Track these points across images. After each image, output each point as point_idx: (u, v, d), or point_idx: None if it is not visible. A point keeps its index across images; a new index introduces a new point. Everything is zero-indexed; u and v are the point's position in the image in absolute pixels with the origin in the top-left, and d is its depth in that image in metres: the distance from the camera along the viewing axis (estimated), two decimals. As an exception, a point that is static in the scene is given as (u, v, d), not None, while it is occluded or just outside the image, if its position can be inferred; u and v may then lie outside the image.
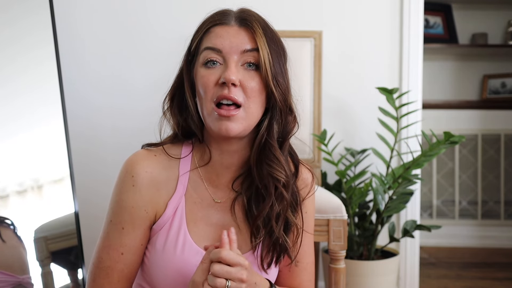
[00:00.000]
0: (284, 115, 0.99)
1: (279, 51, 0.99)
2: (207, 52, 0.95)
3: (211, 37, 0.96)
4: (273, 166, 0.98)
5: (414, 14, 2.25)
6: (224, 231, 0.91)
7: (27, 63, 1.74)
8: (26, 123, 1.72)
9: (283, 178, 0.98)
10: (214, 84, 0.94)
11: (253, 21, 0.97)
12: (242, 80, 0.94)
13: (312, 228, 1.12)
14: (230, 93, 0.92)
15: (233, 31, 0.96)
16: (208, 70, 0.95)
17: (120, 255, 0.98)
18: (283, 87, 0.97)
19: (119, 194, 0.99)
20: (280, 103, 0.97)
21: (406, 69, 2.27)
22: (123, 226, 0.98)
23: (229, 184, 1.04)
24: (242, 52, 0.95)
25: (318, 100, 2.05)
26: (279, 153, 0.99)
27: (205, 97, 0.95)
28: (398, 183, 1.90)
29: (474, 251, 3.19)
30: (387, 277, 1.98)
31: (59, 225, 1.81)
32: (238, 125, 0.94)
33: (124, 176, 0.99)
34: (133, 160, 1.00)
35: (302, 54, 2.04)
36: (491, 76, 3.48)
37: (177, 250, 0.98)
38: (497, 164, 3.38)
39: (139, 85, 2.26)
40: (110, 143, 2.24)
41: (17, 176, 1.68)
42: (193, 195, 1.02)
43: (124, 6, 2.26)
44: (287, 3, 2.25)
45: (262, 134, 0.98)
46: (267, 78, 0.94)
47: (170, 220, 1.00)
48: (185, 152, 1.03)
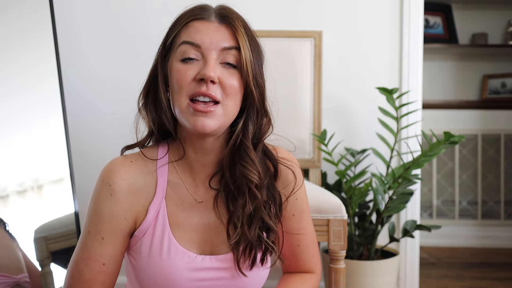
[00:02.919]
0: (260, 116, 0.98)
1: (258, 52, 0.98)
2: (185, 46, 0.93)
3: (190, 31, 0.94)
4: (246, 167, 0.97)
5: (414, 14, 2.25)
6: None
7: (27, 63, 1.74)
8: (26, 123, 1.72)
9: (256, 180, 0.97)
10: (191, 79, 0.92)
11: (235, 18, 0.95)
12: (221, 78, 0.92)
13: (307, 210, 1.11)
14: (209, 90, 0.90)
15: (214, 27, 0.94)
16: (185, 65, 0.93)
17: (101, 265, 0.96)
18: (262, 88, 0.97)
19: (97, 203, 0.97)
20: (258, 103, 0.96)
21: (406, 69, 2.26)
22: (102, 236, 0.96)
23: (207, 183, 1.02)
24: (222, 49, 0.93)
25: (318, 100, 2.05)
26: (253, 154, 0.98)
27: (179, 92, 0.93)
28: (398, 183, 1.90)
29: (474, 251, 3.19)
30: (387, 277, 1.97)
31: (59, 225, 1.81)
32: (214, 122, 0.92)
33: (101, 185, 0.97)
34: (109, 169, 0.98)
35: (302, 54, 2.04)
36: (491, 76, 3.48)
37: (163, 254, 0.97)
38: (497, 164, 3.38)
39: (138, 85, 2.25)
40: (110, 143, 2.23)
41: (17, 176, 1.68)
42: (174, 197, 1.00)
43: (124, 6, 2.26)
44: (287, 3, 2.25)
45: (237, 134, 0.97)
46: (248, 77, 0.93)
47: (153, 225, 0.98)
48: (161, 154, 1.02)
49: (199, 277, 0.99)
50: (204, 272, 0.99)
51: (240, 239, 0.99)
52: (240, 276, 1.00)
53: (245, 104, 0.97)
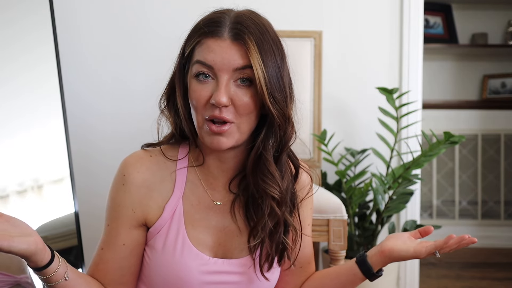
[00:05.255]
0: (282, 129, 0.96)
1: (276, 61, 0.94)
2: (198, 66, 0.92)
3: (203, 49, 0.92)
4: (266, 181, 0.97)
5: (414, 14, 2.25)
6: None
7: (27, 63, 1.74)
8: (26, 123, 1.72)
9: (276, 195, 0.97)
10: (205, 101, 0.92)
11: (247, 34, 0.91)
12: (234, 98, 0.91)
13: (309, 229, 1.13)
14: (221, 114, 0.90)
15: (226, 45, 0.91)
16: (200, 84, 0.92)
17: (101, 250, 1.00)
18: (281, 102, 0.94)
19: (110, 192, 1.01)
20: (277, 119, 0.94)
21: (406, 69, 2.27)
22: (108, 223, 1.00)
23: (226, 186, 1.03)
24: (234, 70, 0.91)
25: (318, 100, 2.05)
26: (274, 168, 0.97)
27: (196, 111, 0.94)
28: (398, 183, 1.90)
29: (474, 251, 3.19)
30: (387, 277, 1.97)
31: (59, 225, 1.81)
32: (229, 140, 0.93)
33: (117, 175, 1.00)
34: (127, 161, 1.00)
35: (302, 54, 2.04)
36: (491, 76, 3.48)
37: (176, 253, 0.98)
38: (497, 164, 3.38)
39: (138, 85, 2.26)
40: (110, 143, 2.24)
41: (17, 176, 1.68)
42: (191, 197, 1.01)
43: (124, 6, 2.25)
44: (287, 3, 2.25)
45: (258, 146, 0.97)
46: (263, 96, 0.91)
47: (168, 223, 0.99)
48: (181, 154, 1.02)
49: (210, 280, 0.99)
50: (216, 276, 1.00)
51: (262, 243, 1.00)
52: (260, 280, 1.01)
53: (266, 118, 0.96)
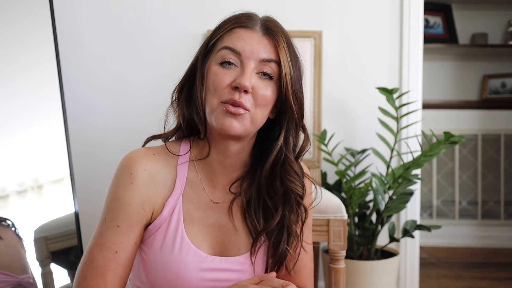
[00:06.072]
0: (298, 130, 1.01)
1: (299, 67, 1.01)
2: (226, 51, 0.95)
3: (233, 37, 0.96)
4: (292, 181, 1.00)
5: (414, 14, 2.25)
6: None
7: (27, 63, 1.74)
8: (26, 123, 1.72)
9: (300, 192, 1.01)
10: (227, 85, 0.94)
11: (279, 32, 0.98)
12: (255, 87, 0.94)
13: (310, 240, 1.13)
14: (240, 99, 0.93)
15: (257, 37, 0.96)
16: (223, 69, 0.95)
17: (114, 253, 0.96)
18: (301, 102, 1.00)
19: (116, 191, 0.98)
20: (297, 117, 0.99)
21: (406, 69, 2.26)
22: (118, 224, 0.96)
23: (227, 186, 1.04)
24: (261, 60, 0.95)
25: (318, 100, 2.05)
26: (297, 166, 1.01)
27: (213, 93, 0.95)
28: (398, 183, 1.90)
29: (474, 251, 3.19)
30: (387, 277, 1.98)
31: (59, 225, 1.81)
32: (241, 126, 0.94)
33: (122, 173, 0.98)
34: (131, 158, 0.99)
35: (302, 54, 2.04)
36: (491, 76, 3.48)
37: (174, 251, 0.98)
38: (497, 164, 3.38)
39: (138, 85, 2.26)
40: (110, 143, 2.23)
41: (17, 176, 1.68)
42: (191, 195, 1.02)
43: (123, 6, 2.25)
44: (287, 3, 2.25)
45: (280, 148, 0.99)
46: (287, 91, 0.96)
47: (168, 221, 0.99)
48: (183, 151, 1.03)
49: (208, 277, 0.99)
50: (214, 273, 1.00)
51: (268, 248, 1.01)
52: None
53: (283, 117, 1.00)
